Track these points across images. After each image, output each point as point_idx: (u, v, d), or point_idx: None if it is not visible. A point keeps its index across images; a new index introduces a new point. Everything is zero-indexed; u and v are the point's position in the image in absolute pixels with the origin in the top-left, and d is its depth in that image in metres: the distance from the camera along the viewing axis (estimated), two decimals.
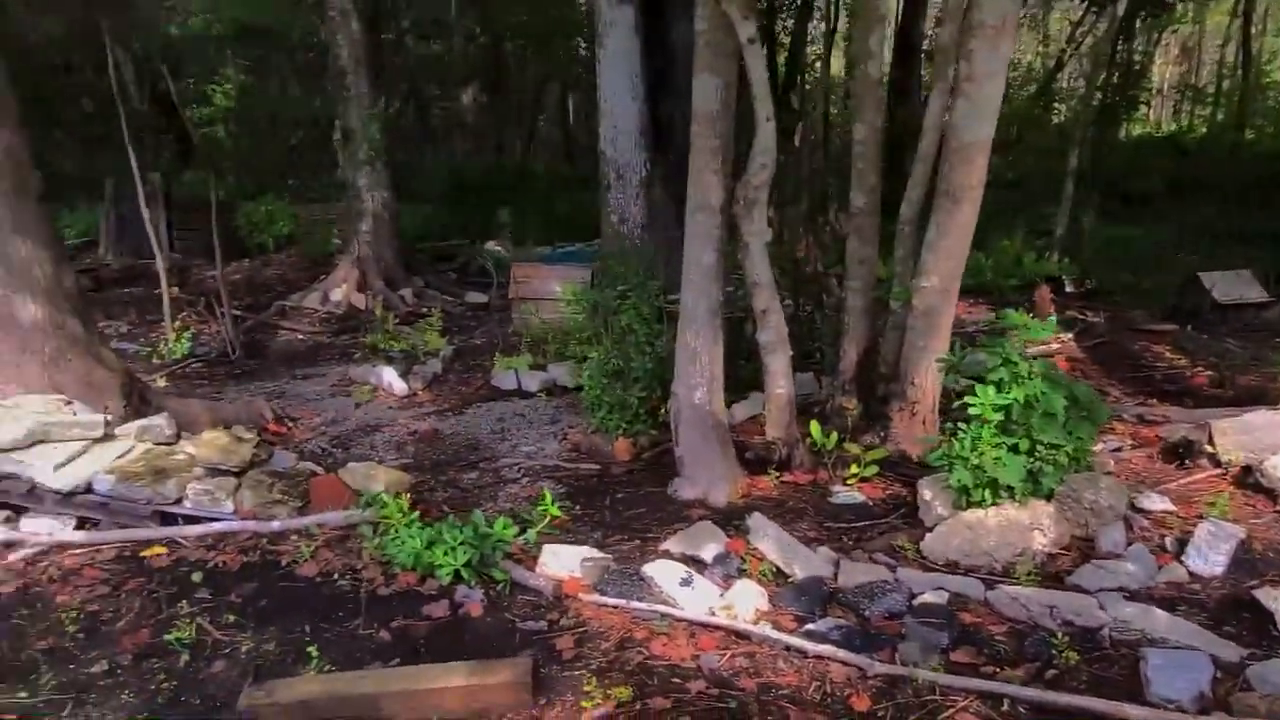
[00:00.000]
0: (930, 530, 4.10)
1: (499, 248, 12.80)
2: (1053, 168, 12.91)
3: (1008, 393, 3.89)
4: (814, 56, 19.63)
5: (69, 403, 4.93)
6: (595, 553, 3.96)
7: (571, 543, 4.25)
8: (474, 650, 3.40)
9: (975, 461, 3.88)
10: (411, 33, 18.13)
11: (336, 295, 10.59)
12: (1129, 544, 3.91)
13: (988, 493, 3.96)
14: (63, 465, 4.46)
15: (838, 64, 18.31)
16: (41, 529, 4.42)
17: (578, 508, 4.77)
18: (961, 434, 3.95)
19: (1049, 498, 4.03)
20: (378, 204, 10.78)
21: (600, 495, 4.98)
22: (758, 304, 4.67)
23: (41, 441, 4.56)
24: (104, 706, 3.14)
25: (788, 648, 3.23)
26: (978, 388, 3.91)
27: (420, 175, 17.57)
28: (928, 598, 3.51)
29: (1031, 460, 3.96)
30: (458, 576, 3.84)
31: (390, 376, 7.16)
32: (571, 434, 6.01)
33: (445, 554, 3.82)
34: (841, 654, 3.13)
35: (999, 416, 3.89)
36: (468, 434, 6.22)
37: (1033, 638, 3.27)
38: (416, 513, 4.15)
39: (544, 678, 3.17)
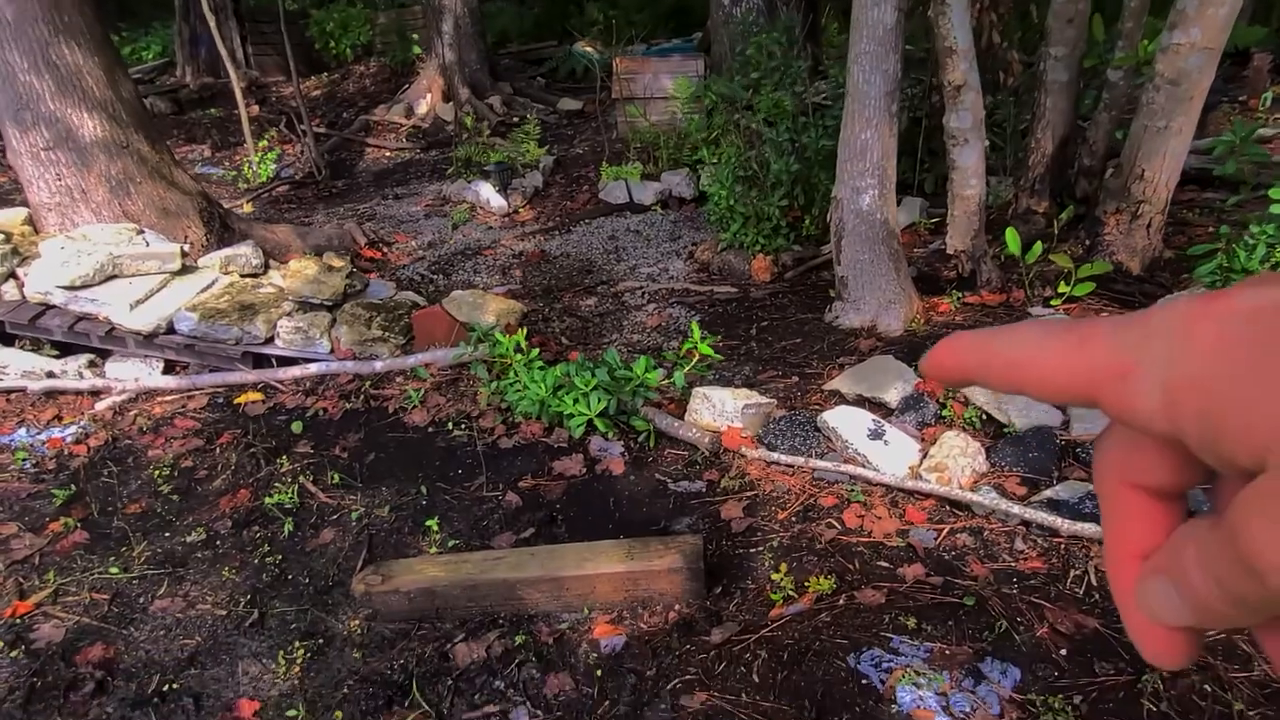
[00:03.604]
0: None
1: (589, 49, 11.57)
2: None
3: None
4: None
5: (140, 232, 4.39)
6: (755, 396, 3.25)
7: (717, 380, 3.58)
8: (621, 520, 2.83)
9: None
10: None
11: (421, 107, 9.74)
12: None
13: None
14: (140, 302, 3.96)
15: None
16: (127, 374, 3.99)
17: (719, 338, 4.06)
18: (1251, 238, 2.97)
19: None
20: (457, 2, 9.65)
21: (743, 323, 4.25)
22: (952, 78, 3.64)
23: (115, 276, 4.05)
24: (204, 584, 2.71)
25: (1025, 523, 2.51)
26: None
27: None
28: None
29: None
30: (591, 427, 3.23)
31: (488, 192, 6.43)
32: (698, 252, 5.21)
33: (576, 402, 3.19)
34: None
35: None
36: (579, 255, 5.50)
37: None
38: (536, 350, 3.51)
39: (712, 557, 2.57)
